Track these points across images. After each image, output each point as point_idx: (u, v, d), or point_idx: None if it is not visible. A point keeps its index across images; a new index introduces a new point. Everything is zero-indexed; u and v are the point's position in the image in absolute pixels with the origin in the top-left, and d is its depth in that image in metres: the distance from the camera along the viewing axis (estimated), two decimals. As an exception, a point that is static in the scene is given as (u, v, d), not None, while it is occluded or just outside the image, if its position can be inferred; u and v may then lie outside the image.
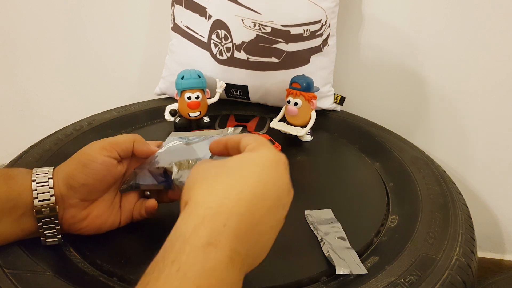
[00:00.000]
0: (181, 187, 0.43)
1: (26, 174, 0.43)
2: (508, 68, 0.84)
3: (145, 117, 0.80)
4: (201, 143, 0.48)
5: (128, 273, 0.43)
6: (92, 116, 0.78)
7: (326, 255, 0.46)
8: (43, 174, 0.43)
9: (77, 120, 0.75)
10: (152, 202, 0.48)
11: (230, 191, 0.32)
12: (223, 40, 0.80)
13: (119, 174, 0.46)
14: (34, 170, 0.44)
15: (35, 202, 0.42)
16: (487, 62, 0.85)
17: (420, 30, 0.86)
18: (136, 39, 1.03)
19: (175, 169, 0.45)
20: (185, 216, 0.32)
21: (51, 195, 0.42)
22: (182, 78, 0.74)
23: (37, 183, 0.42)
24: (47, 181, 0.42)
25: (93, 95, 1.12)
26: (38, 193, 0.42)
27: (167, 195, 0.49)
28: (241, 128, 0.50)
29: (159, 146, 0.51)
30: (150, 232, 0.49)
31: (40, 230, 0.43)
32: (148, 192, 0.49)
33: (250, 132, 0.72)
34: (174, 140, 0.51)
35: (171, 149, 0.48)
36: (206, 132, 0.52)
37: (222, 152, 0.40)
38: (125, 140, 0.45)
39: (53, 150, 0.65)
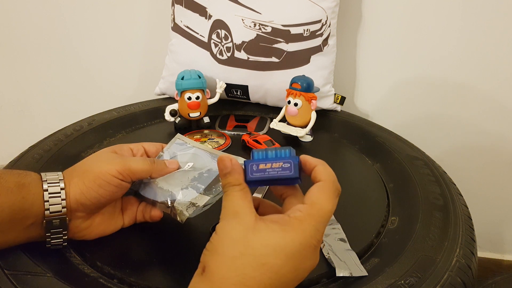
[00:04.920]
0: (175, 213, 0.44)
1: (39, 182, 0.42)
2: (509, 68, 0.85)
3: (145, 117, 0.80)
4: (209, 166, 0.48)
5: (128, 275, 0.43)
6: (92, 116, 0.77)
7: (326, 257, 0.46)
8: (54, 183, 0.42)
9: (77, 120, 0.75)
10: (157, 212, 0.48)
11: (249, 281, 0.32)
12: (223, 40, 0.80)
13: (127, 189, 0.46)
14: (44, 177, 0.43)
15: (46, 213, 0.41)
16: (487, 61, 0.85)
17: (420, 29, 0.86)
18: (136, 39, 1.03)
19: (179, 196, 0.45)
20: (201, 285, 0.33)
21: (63, 207, 0.42)
22: (182, 78, 0.74)
23: (49, 193, 0.41)
24: (60, 192, 0.42)
25: (93, 95, 1.12)
26: (50, 205, 0.41)
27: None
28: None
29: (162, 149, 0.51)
30: (150, 235, 0.49)
31: (47, 239, 0.43)
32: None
33: (250, 133, 0.71)
34: (180, 150, 0.51)
35: (180, 172, 0.48)
36: (212, 148, 0.51)
37: (305, 168, 0.37)
38: (142, 171, 0.45)
39: (53, 151, 0.64)
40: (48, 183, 0.42)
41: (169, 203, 0.45)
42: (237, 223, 0.34)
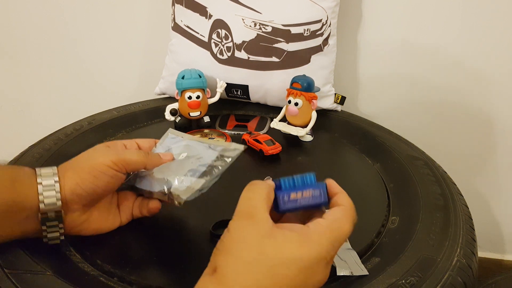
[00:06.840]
0: (172, 198, 0.44)
1: (32, 176, 0.42)
2: (509, 67, 0.85)
3: (145, 117, 0.80)
4: (203, 154, 0.48)
5: (128, 273, 0.43)
6: (92, 115, 0.77)
7: (327, 256, 0.45)
8: (48, 176, 0.42)
9: (77, 119, 0.75)
10: (155, 204, 0.48)
11: None
12: (223, 40, 0.80)
13: (123, 180, 0.46)
14: (38, 171, 0.43)
15: (41, 206, 0.41)
16: (487, 60, 0.85)
17: (420, 29, 0.86)
18: (136, 39, 1.03)
19: (175, 182, 0.45)
20: (211, 286, 0.32)
21: (57, 200, 0.42)
22: (183, 77, 0.74)
23: (43, 186, 0.42)
24: (54, 185, 0.42)
25: (93, 95, 1.12)
26: (44, 197, 0.41)
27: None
28: (244, 146, 0.48)
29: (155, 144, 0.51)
30: (150, 232, 0.49)
31: (44, 233, 0.43)
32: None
33: (250, 133, 0.71)
34: (173, 143, 0.51)
35: (174, 162, 0.48)
36: (204, 139, 0.51)
37: (331, 191, 0.38)
38: (137, 162, 0.45)
39: (53, 150, 0.65)
40: (42, 176, 0.42)
41: (166, 190, 0.45)
42: (252, 228, 0.33)
